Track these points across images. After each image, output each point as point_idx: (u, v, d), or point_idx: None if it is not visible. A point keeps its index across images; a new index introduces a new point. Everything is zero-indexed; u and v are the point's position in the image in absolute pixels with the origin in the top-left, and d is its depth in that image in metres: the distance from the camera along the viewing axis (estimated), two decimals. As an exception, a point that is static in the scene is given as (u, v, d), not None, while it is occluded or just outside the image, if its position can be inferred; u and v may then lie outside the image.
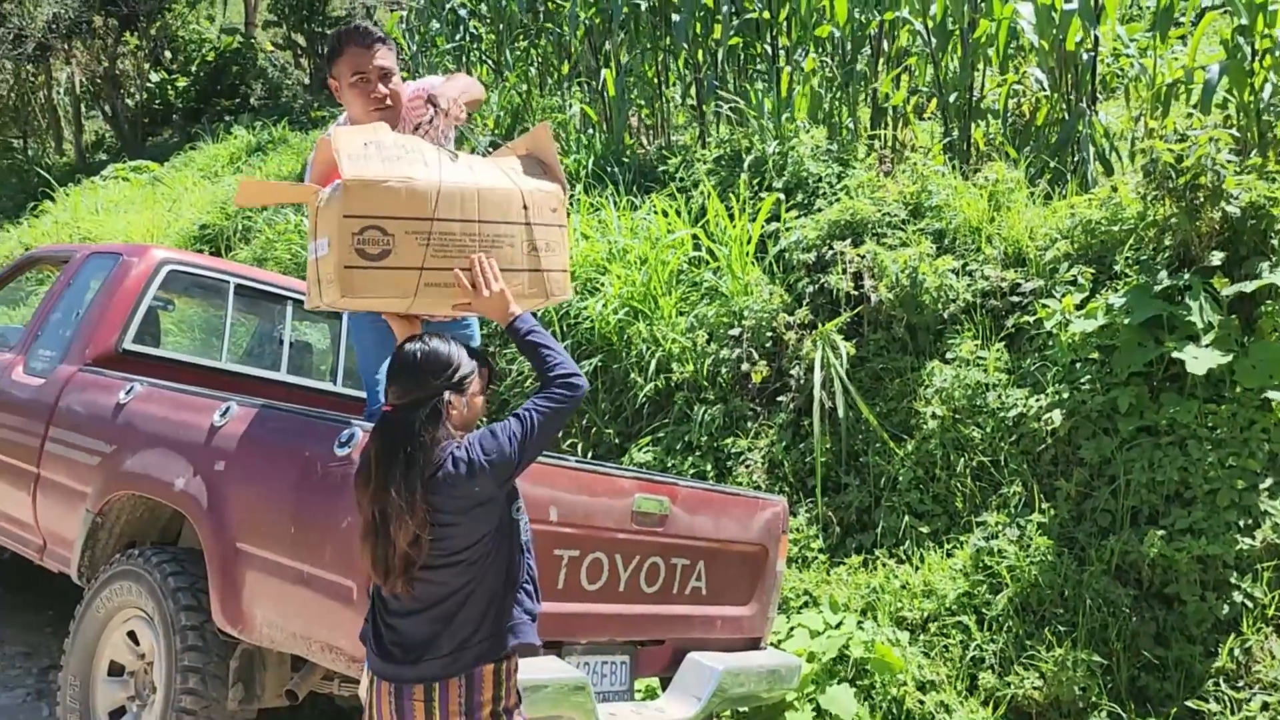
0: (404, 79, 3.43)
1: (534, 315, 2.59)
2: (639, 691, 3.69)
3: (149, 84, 19.79)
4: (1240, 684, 3.83)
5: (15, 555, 4.96)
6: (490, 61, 11.23)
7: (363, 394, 5.03)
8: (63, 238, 12.71)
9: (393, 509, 2.21)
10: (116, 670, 3.49)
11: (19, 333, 4.83)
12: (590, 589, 3.29)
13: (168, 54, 20.02)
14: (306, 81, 19.51)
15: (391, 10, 14.17)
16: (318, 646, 2.90)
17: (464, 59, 11.24)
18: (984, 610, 4.28)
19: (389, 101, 3.26)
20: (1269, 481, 4.08)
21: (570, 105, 9.55)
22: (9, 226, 14.77)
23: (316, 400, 4.72)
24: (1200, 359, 4.18)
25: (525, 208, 2.66)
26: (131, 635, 3.45)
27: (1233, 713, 3.75)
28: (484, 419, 2.54)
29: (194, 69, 19.77)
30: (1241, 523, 4.02)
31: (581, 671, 3.13)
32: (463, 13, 11.26)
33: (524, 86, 10.29)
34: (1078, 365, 4.56)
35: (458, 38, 11.19)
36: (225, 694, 3.14)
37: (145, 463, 3.48)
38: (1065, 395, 4.50)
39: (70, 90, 19.76)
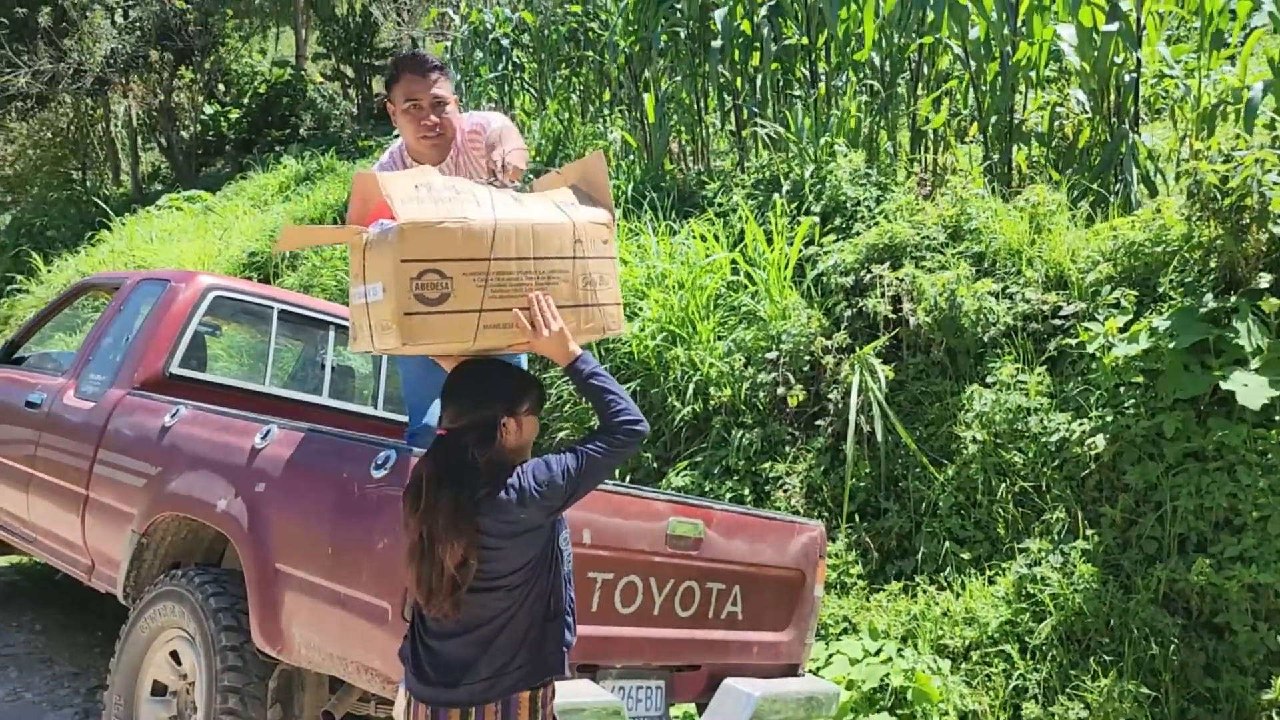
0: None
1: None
2: (675, 717, 3.67)
3: (203, 116, 20.31)
4: (1295, 717, 3.72)
5: (67, 576, 5.08)
6: (532, 90, 11.39)
7: (404, 418, 5.11)
8: (118, 266, 13.06)
9: (441, 531, 2.22)
10: (159, 690, 3.54)
11: (71, 358, 4.97)
12: (624, 612, 3.29)
13: (221, 87, 20.54)
14: (354, 111, 19.91)
15: (437, 41, 14.41)
16: (353, 667, 2.92)
17: (506, 88, 11.41)
18: (1027, 639, 4.20)
19: (440, 130, 3.32)
20: (1322, 508, 3.97)
21: (611, 132, 9.64)
22: (67, 255, 15.20)
23: (358, 424, 4.78)
24: (1250, 388, 4.07)
25: (578, 241, 2.60)
26: (174, 655, 3.49)
27: (1287, 747, 3.65)
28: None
29: (246, 101, 20.26)
30: (1294, 551, 3.91)
31: (616, 696, 3.12)
32: (505, 43, 11.44)
33: (565, 114, 10.42)
34: (1121, 389, 4.48)
35: (500, 67, 11.37)
36: (264, 714, 3.17)
37: (189, 484, 3.55)
38: (1109, 420, 4.42)
39: (127, 123, 20.33)
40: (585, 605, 3.17)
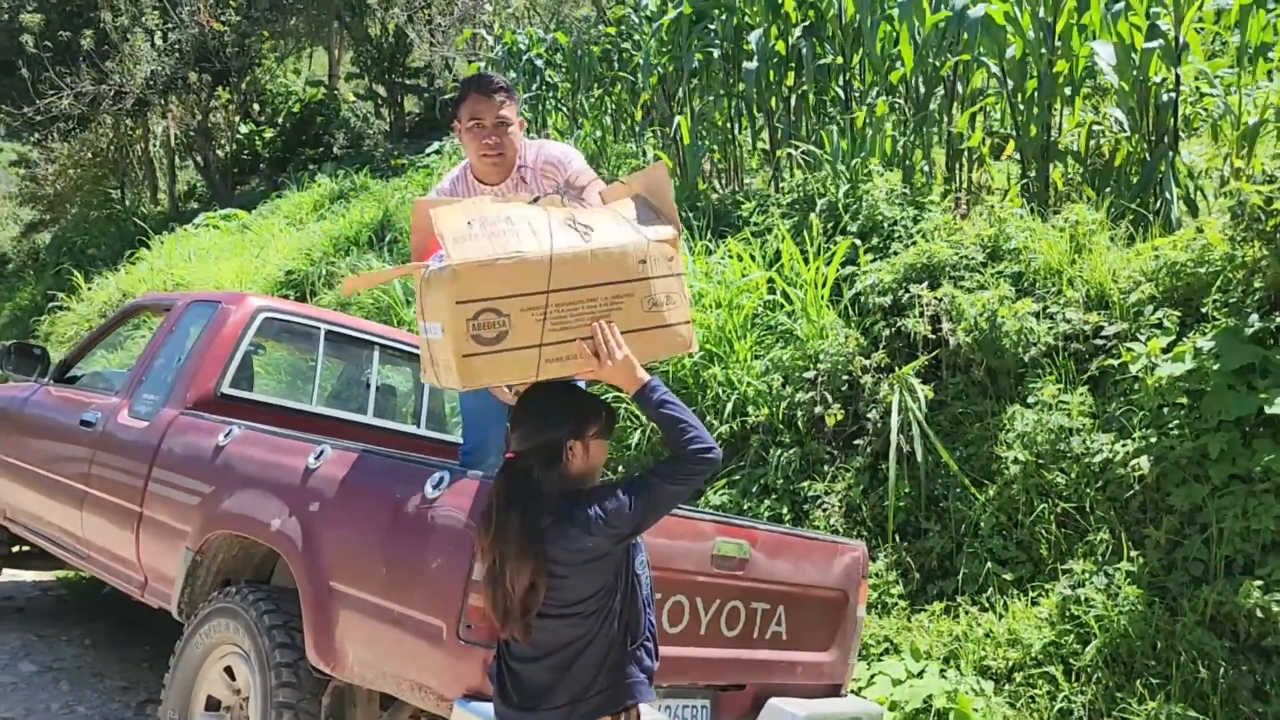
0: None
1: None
2: (719, 737, 3.68)
3: (238, 135, 20.64)
4: (1346, 743, 3.68)
5: (113, 591, 5.15)
6: (565, 109, 11.50)
7: (446, 436, 5.18)
8: (157, 283, 13.27)
9: (510, 555, 2.23)
10: (213, 705, 3.60)
11: (123, 377, 5.07)
12: (671, 632, 3.31)
13: (255, 106, 20.86)
14: (387, 130, 20.16)
15: (469, 62, 14.57)
16: (407, 685, 2.97)
17: (540, 107, 11.53)
18: (1072, 661, 4.19)
19: (501, 150, 3.38)
20: (1372, 531, 3.94)
21: (644, 151, 9.71)
22: (108, 273, 15.46)
23: (402, 443, 4.84)
24: (1296, 409, 4.06)
25: (643, 262, 2.49)
26: (228, 671, 3.55)
27: (1339, 773, 3.61)
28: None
29: (280, 120, 20.56)
30: (1344, 573, 3.88)
31: (664, 715, 3.14)
32: (539, 63, 11.57)
33: (598, 133, 10.51)
34: (1165, 410, 4.47)
35: (534, 87, 11.49)
36: (317, 730, 3.23)
37: (243, 503, 3.61)
38: (1153, 440, 4.41)
39: (165, 142, 20.70)
40: (634, 625, 3.22)
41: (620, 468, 5.83)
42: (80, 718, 4.50)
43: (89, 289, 15.01)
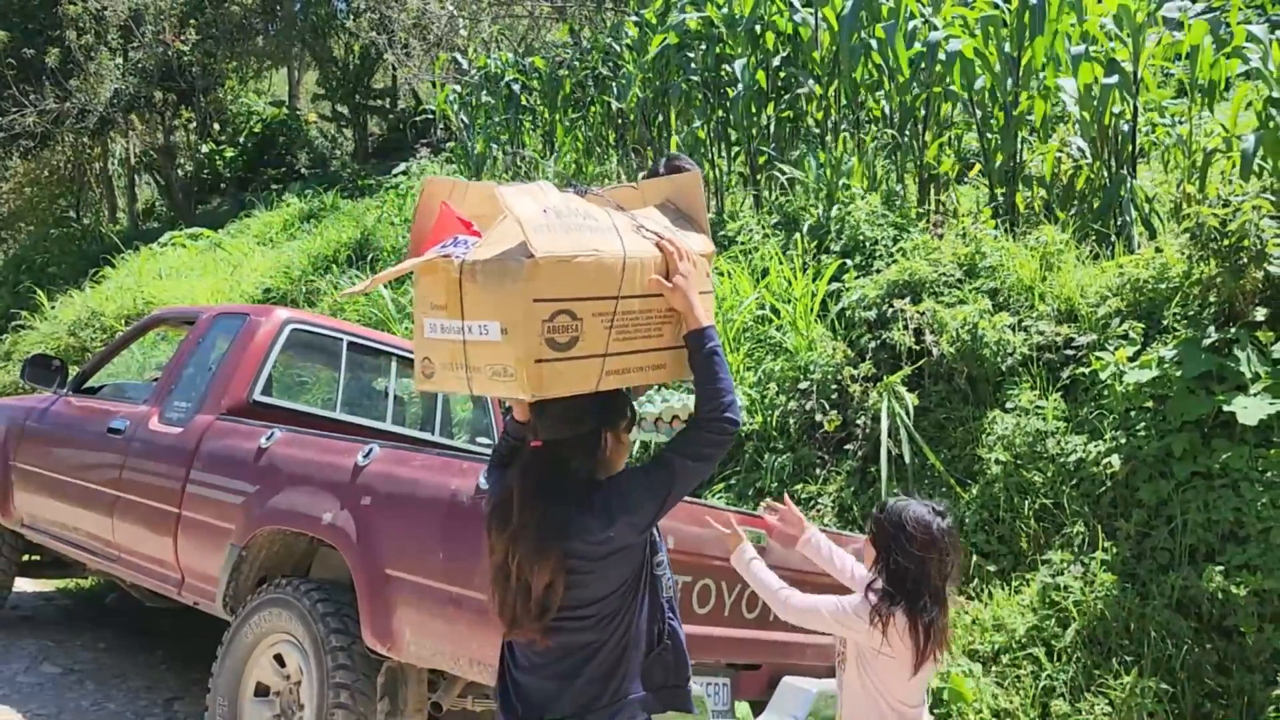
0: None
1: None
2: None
3: (199, 154, 20.62)
4: (1301, 711, 4.07)
5: (121, 599, 5.27)
6: (541, 132, 11.80)
7: (456, 444, 5.42)
8: (126, 301, 13.25)
9: (529, 551, 2.11)
10: (263, 691, 3.81)
11: (145, 388, 5.24)
12: (700, 613, 3.61)
13: (216, 126, 20.86)
14: (352, 150, 20.29)
15: (442, 85, 14.79)
16: (465, 660, 3.21)
17: (516, 130, 11.83)
18: (1053, 643, 4.55)
19: None
20: (1320, 520, 4.35)
21: (620, 174, 10.04)
22: (73, 291, 15.36)
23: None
24: (1250, 409, 4.49)
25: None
26: (278, 658, 3.77)
27: (1295, 737, 3.99)
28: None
29: (242, 140, 20.59)
30: (1295, 558, 4.29)
31: (701, 690, 3.42)
32: (515, 86, 11.87)
33: (572, 156, 10.82)
34: (1133, 413, 4.87)
35: (511, 110, 11.79)
36: (374, 708, 3.46)
37: (291, 500, 3.84)
38: (1122, 441, 4.81)
39: (125, 161, 20.61)
40: (669, 605, 3.50)
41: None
42: (111, 714, 4.65)
43: (53, 307, 14.90)
